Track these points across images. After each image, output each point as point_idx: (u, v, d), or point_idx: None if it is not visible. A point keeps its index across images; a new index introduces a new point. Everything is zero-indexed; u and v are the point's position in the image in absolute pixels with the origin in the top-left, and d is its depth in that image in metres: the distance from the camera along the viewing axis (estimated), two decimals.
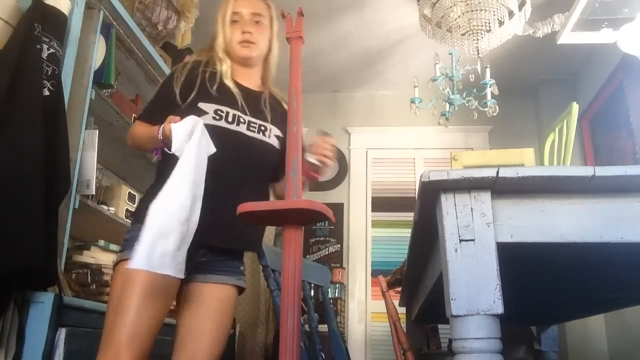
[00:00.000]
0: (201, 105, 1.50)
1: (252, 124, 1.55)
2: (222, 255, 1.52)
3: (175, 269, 1.26)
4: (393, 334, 2.13)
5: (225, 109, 1.52)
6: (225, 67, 1.58)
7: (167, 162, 1.44)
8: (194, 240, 1.30)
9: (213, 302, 1.49)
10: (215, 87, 1.54)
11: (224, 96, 1.54)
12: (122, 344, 1.29)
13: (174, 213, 1.26)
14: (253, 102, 1.59)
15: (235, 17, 1.62)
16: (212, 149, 1.40)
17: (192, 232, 1.30)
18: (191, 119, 1.38)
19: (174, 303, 1.50)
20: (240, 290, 1.58)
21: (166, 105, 1.52)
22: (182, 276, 1.29)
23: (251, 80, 1.66)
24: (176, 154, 1.33)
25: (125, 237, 1.46)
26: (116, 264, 1.44)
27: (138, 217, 1.47)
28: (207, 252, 1.49)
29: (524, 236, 0.89)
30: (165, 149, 1.42)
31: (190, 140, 1.33)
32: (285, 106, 1.65)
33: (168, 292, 1.41)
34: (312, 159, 1.44)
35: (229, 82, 1.57)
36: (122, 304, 1.34)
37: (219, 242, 1.48)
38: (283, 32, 1.39)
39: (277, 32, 1.69)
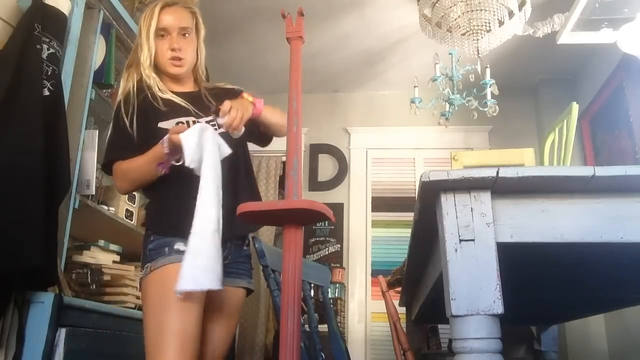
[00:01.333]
0: (162, 124, 1.51)
1: (210, 124, 1.54)
2: (237, 256, 1.54)
3: (217, 281, 1.31)
4: (393, 334, 2.13)
5: (183, 119, 1.53)
6: (153, 82, 1.56)
7: (172, 173, 1.46)
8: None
9: (224, 305, 1.51)
10: (162, 105, 1.53)
11: (174, 108, 1.54)
12: (175, 350, 1.30)
13: (206, 228, 1.31)
14: (198, 102, 1.59)
15: (162, 32, 1.58)
16: (228, 151, 1.42)
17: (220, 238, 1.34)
18: (197, 127, 1.39)
19: None
20: (249, 292, 1.60)
21: (131, 138, 1.51)
22: (221, 287, 1.32)
23: (185, 85, 1.66)
24: (191, 166, 1.34)
25: (150, 247, 1.45)
26: (148, 274, 1.41)
27: (154, 228, 1.48)
28: (228, 253, 1.50)
29: (524, 236, 0.89)
30: (173, 162, 1.42)
31: (206, 149, 1.36)
32: (225, 85, 1.70)
33: (202, 297, 1.41)
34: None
35: (168, 95, 1.56)
36: (167, 311, 1.33)
37: (232, 232, 1.48)
38: (283, 33, 1.39)
39: (203, 37, 1.68)
